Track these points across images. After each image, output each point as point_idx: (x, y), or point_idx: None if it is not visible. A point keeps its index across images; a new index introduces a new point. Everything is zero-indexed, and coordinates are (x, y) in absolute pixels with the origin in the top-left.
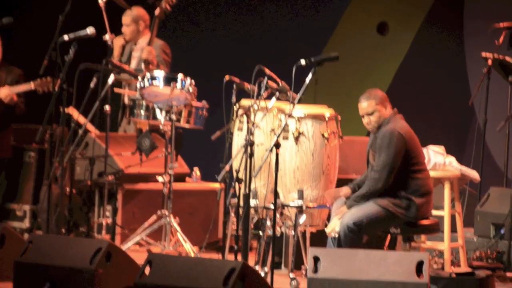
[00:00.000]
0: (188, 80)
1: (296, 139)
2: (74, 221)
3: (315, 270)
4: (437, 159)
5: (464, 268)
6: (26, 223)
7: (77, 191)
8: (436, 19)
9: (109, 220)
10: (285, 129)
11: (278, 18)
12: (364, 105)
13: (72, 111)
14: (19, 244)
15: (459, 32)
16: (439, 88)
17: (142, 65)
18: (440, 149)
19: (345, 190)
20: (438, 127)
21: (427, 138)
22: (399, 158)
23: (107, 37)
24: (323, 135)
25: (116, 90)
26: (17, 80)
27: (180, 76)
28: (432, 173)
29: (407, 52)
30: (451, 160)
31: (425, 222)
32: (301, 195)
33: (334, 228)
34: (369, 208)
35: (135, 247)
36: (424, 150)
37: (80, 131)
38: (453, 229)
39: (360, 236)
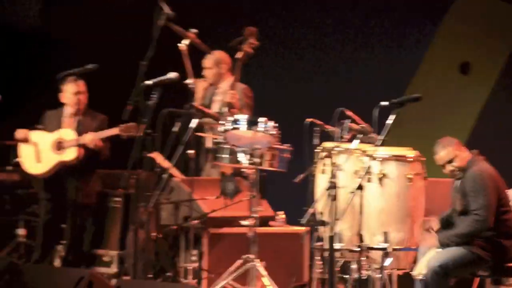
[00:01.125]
0: (271, 123)
1: (380, 181)
2: (161, 265)
3: None
4: None
5: None
6: (113, 269)
7: (163, 235)
8: None
9: (196, 265)
10: (368, 171)
11: (360, 60)
12: (443, 154)
13: (157, 156)
14: None
15: None
16: None
17: (225, 109)
18: None
19: (434, 223)
20: None
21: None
22: (495, 199)
23: (189, 81)
24: (407, 177)
25: (199, 134)
26: (102, 126)
27: (263, 119)
28: None
29: (491, 91)
30: None
31: None
32: (386, 238)
33: (421, 270)
34: (456, 251)
35: None
36: (510, 192)
37: (165, 176)
38: None
39: (447, 279)
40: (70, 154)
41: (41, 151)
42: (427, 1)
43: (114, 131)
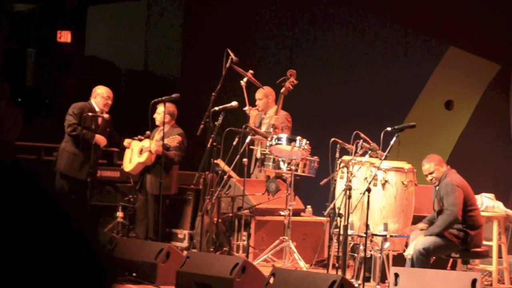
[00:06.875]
0: (304, 140)
1: (383, 185)
2: (220, 242)
3: (396, 283)
4: (488, 203)
5: (507, 285)
6: (185, 243)
7: (222, 220)
8: (492, 94)
9: (245, 243)
10: (374, 178)
11: (371, 93)
12: (426, 167)
13: (220, 162)
14: (179, 258)
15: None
16: (491, 152)
17: (271, 129)
18: (491, 196)
19: (422, 224)
20: (490, 179)
21: (481, 187)
22: (461, 199)
23: (245, 108)
24: (403, 183)
25: (251, 147)
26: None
27: (298, 138)
28: (484, 213)
29: (467, 123)
30: (499, 204)
31: (478, 249)
32: (386, 227)
33: (410, 252)
34: (435, 238)
35: (263, 263)
36: (479, 196)
37: (225, 177)
38: (500, 255)
39: (428, 258)
40: (143, 157)
41: (132, 155)
42: (425, 46)
43: (160, 142)
